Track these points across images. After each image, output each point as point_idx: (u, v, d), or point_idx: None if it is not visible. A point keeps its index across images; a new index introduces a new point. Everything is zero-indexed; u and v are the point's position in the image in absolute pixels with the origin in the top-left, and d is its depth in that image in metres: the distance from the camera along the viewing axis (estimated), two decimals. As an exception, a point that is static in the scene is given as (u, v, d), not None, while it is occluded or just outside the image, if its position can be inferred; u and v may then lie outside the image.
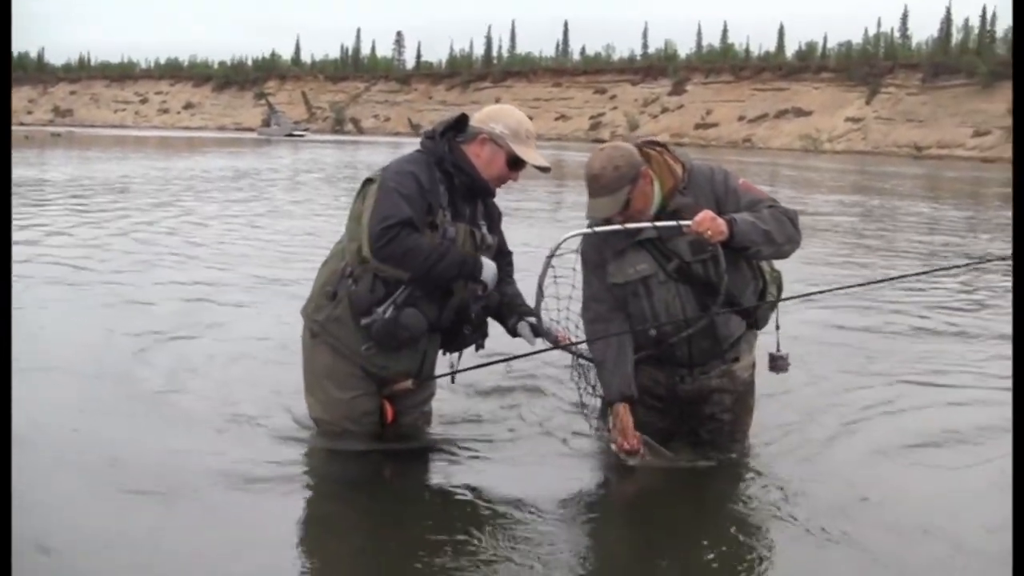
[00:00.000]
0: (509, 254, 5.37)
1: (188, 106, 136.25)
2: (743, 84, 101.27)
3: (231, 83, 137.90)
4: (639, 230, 4.99)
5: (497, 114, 4.94)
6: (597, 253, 5.12)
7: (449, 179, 4.88)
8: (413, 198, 4.78)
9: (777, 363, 5.33)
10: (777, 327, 5.31)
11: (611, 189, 4.85)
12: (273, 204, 20.09)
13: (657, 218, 4.96)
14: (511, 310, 5.27)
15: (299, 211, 18.68)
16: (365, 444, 5.14)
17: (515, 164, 4.89)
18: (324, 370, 5.09)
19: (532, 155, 4.96)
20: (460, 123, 4.91)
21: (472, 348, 5.33)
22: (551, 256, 5.01)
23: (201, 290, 9.57)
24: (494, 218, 5.16)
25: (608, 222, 5.02)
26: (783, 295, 5.38)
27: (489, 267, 4.94)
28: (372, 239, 4.73)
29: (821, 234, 16.35)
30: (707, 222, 4.67)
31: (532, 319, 5.20)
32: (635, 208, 4.89)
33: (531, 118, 5.40)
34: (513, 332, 5.28)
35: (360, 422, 5.12)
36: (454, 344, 5.18)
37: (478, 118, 4.92)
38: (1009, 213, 24.15)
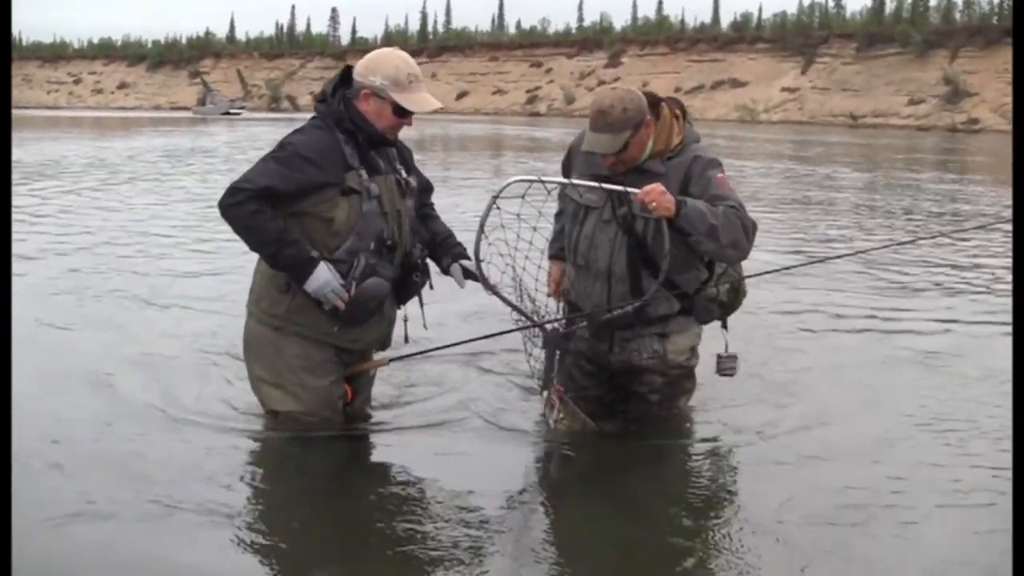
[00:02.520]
0: (430, 189, 5.34)
1: (122, 86, 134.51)
2: (679, 56, 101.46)
3: (165, 62, 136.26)
4: (587, 186, 5.04)
5: (375, 64, 4.81)
6: (563, 165, 5.32)
7: (353, 137, 4.80)
8: (293, 170, 4.73)
9: (723, 364, 5.39)
10: (724, 327, 5.36)
11: (615, 128, 4.87)
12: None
13: (632, 170, 5.02)
14: (445, 250, 5.22)
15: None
16: (335, 429, 5.16)
17: (403, 112, 4.80)
18: (297, 361, 5.01)
19: (417, 101, 4.83)
20: (347, 78, 4.84)
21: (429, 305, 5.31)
22: (495, 198, 4.95)
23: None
24: (407, 158, 5.10)
25: (590, 169, 5.09)
26: (740, 300, 5.42)
27: (317, 279, 4.77)
28: (224, 193, 4.72)
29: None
30: (654, 194, 4.71)
31: (466, 262, 5.15)
32: (630, 155, 4.95)
33: (467, 93, 5.35)
34: (446, 272, 5.22)
35: (337, 407, 5.10)
36: (407, 293, 5.13)
37: (358, 70, 4.83)
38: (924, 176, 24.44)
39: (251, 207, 4.69)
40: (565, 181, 5.13)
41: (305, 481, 4.90)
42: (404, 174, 5.05)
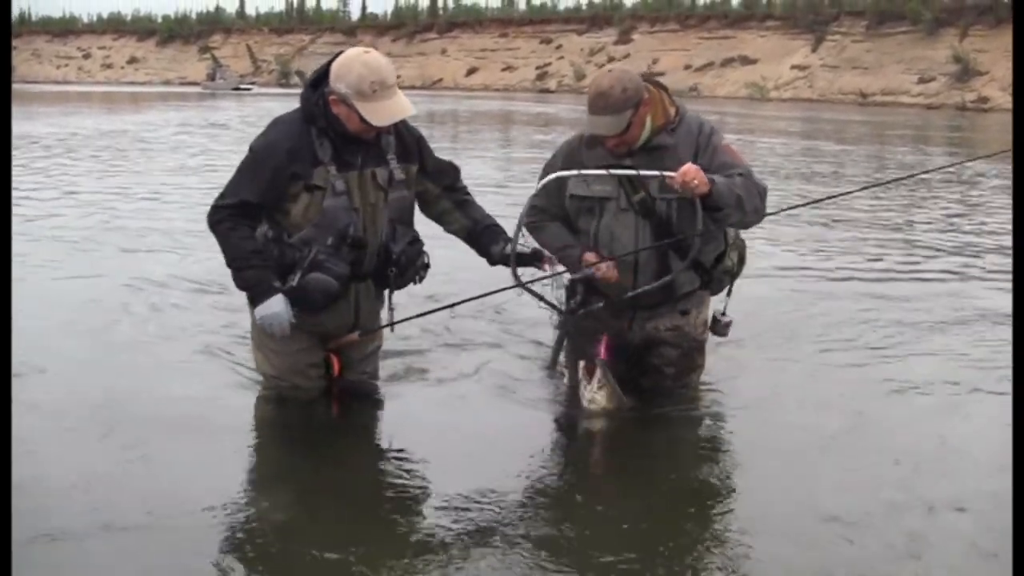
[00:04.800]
0: (452, 170, 5.32)
1: (132, 61, 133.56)
2: (689, 33, 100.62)
3: (175, 37, 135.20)
4: (622, 174, 5.12)
5: (341, 70, 4.77)
6: (564, 165, 5.26)
7: (326, 132, 4.82)
8: (259, 177, 4.81)
9: (718, 327, 5.48)
10: (728, 293, 5.45)
11: (616, 109, 4.94)
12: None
13: (640, 149, 5.12)
14: (492, 237, 5.23)
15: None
16: (313, 396, 5.27)
17: (366, 121, 4.75)
18: None
19: (379, 111, 4.76)
20: (328, 73, 4.83)
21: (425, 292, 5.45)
22: (535, 196, 5.19)
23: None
24: (408, 146, 5.06)
25: (595, 149, 5.21)
26: (743, 267, 5.51)
27: (267, 308, 4.87)
28: (208, 212, 4.89)
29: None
30: (692, 173, 4.81)
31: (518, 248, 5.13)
32: (631, 134, 5.03)
33: (476, 69, 5.40)
34: (495, 263, 5.22)
35: (307, 375, 5.20)
36: (385, 286, 5.18)
37: (332, 72, 4.80)
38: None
39: (227, 224, 4.87)
40: (601, 172, 5.14)
41: (294, 438, 5.11)
42: (394, 165, 5.03)
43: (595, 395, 5.22)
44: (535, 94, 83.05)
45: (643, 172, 5.05)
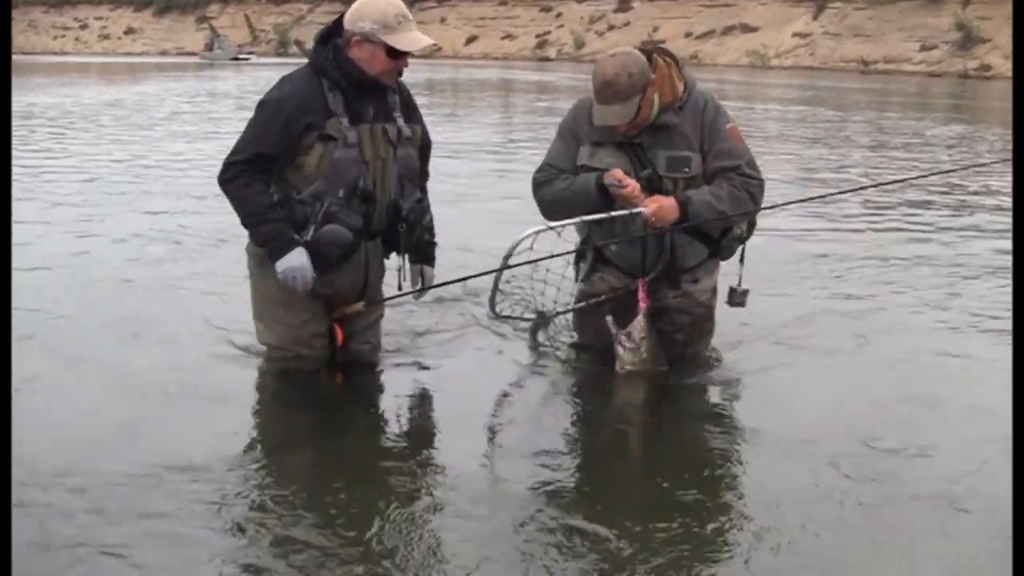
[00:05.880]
0: (428, 147, 5.34)
1: (129, 31, 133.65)
2: (690, 1, 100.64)
3: (172, 7, 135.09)
4: (595, 220, 5.17)
5: (362, 9, 4.82)
6: (573, 128, 5.27)
7: (339, 85, 4.82)
8: (272, 128, 4.78)
9: (735, 297, 5.45)
10: (741, 261, 5.40)
11: (625, 96, 4.87)
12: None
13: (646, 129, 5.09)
14: (417, 249, 5.35)
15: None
16: (316, 366, 5.20)
17: (395, 54, 4.80)
18: (273, 296, 5.07)
19: (408, 40, 4.84)
20: (339, 26, 4.86)
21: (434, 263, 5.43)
22: (507, 257, 5.16)
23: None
24: (412, 108, 5.12)
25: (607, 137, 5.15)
26: (753, 231, 5.48)
27: (289, 261, 4.84)
28: (220, 170, 4.84)
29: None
30: (656, 211, 4.99)
31: (429, 270, 5.37)
32: (641, 116, 5.00)
33: (476, 38, 5.39)
34: (409, 264, 5.33)
35: (311, 345, 5.14)
36: (394, 246, 5.17)
37: (347, 18, 4.84)
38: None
39: (242, 180, 4.82)
40: (577, 220, 5.21)
41: (298, 409, 5.07)
42: (401, 123, 5.05)
43: (638, 349, 5.19)
44: (535, 63, 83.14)
45: (613, 213, 5.08)
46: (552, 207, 5.33)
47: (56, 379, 5.38)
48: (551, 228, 5.20)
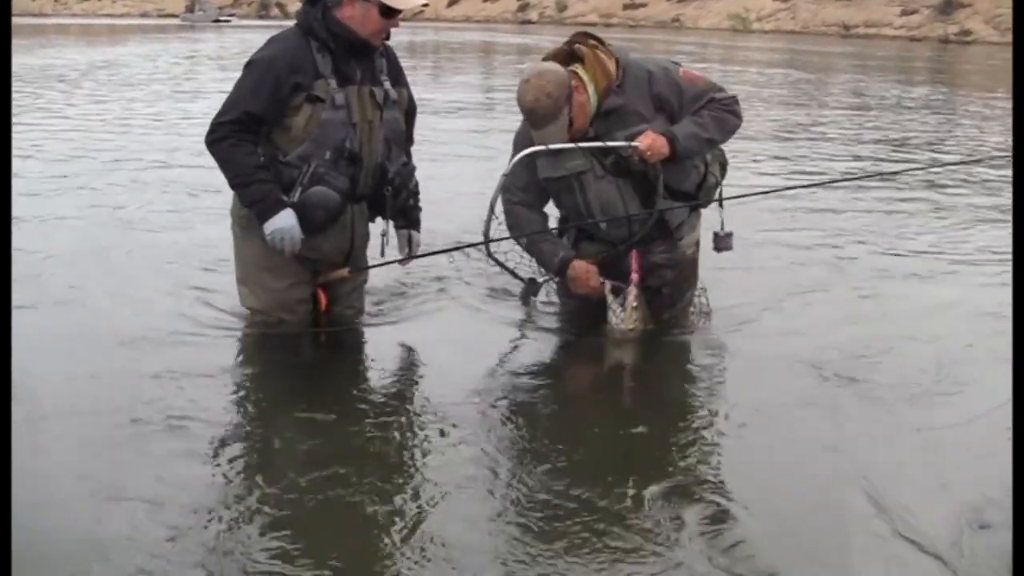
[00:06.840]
0: (413, 112, 5.37)
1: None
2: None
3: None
4: (591, 148, 5.16)
5: None
6: (528, 144, 5.22)
7: (327, 46, 4.83)
8: (262, 87, 4.78)
9: (720, 242, 5.54)
10: (720, 205, 5.50)
11: (552, 117, 4.95)
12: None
13: (595, 118, 5.14)
14: (403, 211, 5.35)
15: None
16: (298, 331, 5.26)
17: (388, 13, 4.81)
18: (258, 261, 5.12)
19: None
20: None
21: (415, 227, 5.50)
22: (506, 176, 5.25)
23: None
24: (399, 72, 5.15)
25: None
26: (726, 172, 5.55)
27: (277, 223, 4.85)
28: (207, 130, 4.84)
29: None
30: (649, 144, 4.99)
31: (416, 234, 5.41)
32: (577, 124, 5.05)
33: (457, 1, 5.42)
34: (395, 229, 5.35)
35: (295, 310, 5.20)
36: (380, 210, 5.20)
37: None
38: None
39: (230, 141, 4.82)
40: (573, 146, 5.17)
41: (283, 382, 5.01)
42: (388, 85, 5.10)
43: (629, 315, 5.33)
44: (517, 25, 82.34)
45: (609, 144, 5.12)
46: (515, 232, 5.53)
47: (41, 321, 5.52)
48: (548, 150, 5.15)
